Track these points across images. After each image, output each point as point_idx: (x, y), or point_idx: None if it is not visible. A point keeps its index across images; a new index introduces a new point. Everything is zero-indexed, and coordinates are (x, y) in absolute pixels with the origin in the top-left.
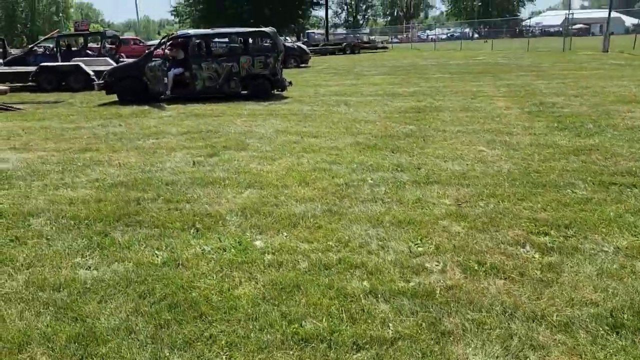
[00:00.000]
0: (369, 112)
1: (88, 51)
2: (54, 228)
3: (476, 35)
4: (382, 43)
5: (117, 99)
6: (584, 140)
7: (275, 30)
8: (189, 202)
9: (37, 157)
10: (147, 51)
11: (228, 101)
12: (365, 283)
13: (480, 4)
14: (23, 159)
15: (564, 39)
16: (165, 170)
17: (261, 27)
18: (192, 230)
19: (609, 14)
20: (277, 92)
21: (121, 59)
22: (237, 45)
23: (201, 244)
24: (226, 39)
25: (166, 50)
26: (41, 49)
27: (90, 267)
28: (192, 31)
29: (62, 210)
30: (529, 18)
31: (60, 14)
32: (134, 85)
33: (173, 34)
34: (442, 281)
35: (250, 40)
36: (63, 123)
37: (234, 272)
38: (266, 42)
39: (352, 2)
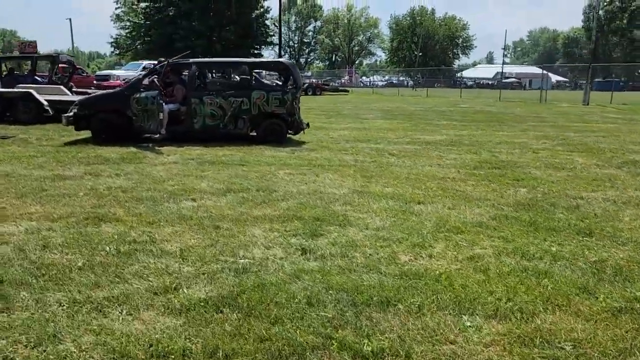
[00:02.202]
0: (435, 166)
1: (36, 77)
2: None
3: (411, 83)
4: (342, 86)
5: (84, 136)
6: None
7: (294, 62)
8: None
9: (26, 233)
10: (133, 79)
11: (234, 144)
12: None
13: (421, 54)
14: (2, 237)
15: (540, 91)
16: (270, 267)
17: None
18: None
19: (589, 69)
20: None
21: (73, 89)
22: (248, 77)
23: None
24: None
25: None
26: None
27: None
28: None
29: None
30: (464, 69)
31: None
32: (114, 120)
33: (165, 60)
34: None
35: (264, 73)
36: (31, 169)
37: None
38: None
39: (296, 45)
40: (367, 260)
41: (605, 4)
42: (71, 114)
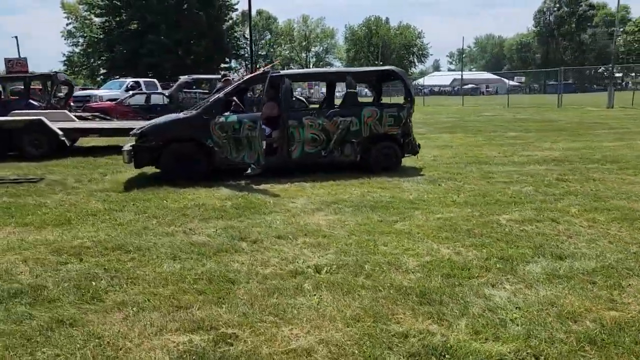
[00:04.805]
0: None
1: (31, 101)
2: None
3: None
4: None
5: (135, 174)
6: None
7: (404, 71)
8: None
9: None
10: (211, 100)
11: (345, 176)
12: None
13: (382, 63)
14: None
15: (557, 96)
16: None
17: (388, 67)
18: None
19: (612, 69)
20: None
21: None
22: (354, 91)
23: None
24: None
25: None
26: None
27: None
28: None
29: None
30: (423, 77)
31: None
32: (190, 152)
33: (254, 74)
34: None
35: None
36: (137, 235)
37: None
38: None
39: (255, 58)
40: None
41: (555, 9)
42: (130, 147)
